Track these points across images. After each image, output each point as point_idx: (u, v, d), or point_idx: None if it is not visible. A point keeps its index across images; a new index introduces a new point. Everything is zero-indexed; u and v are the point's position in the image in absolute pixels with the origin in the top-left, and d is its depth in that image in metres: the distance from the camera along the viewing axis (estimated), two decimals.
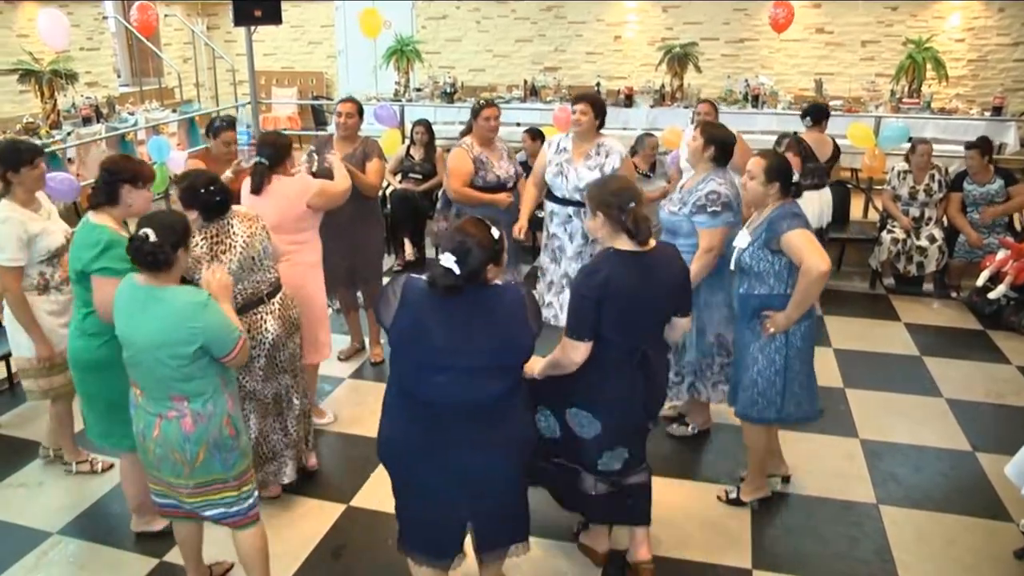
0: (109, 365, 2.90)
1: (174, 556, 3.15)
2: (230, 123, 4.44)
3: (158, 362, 2.46)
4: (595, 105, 4.00)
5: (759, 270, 3.12)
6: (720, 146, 3.46)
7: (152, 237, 2.41)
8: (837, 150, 5.89)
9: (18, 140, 3.54)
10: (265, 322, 3.22)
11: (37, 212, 3.37)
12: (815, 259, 2.95)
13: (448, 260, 2.24)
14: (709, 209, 3.40)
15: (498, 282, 2.38)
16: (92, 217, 2.95)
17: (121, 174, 2.93)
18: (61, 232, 3.42)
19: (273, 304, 3.27)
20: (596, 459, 2.81)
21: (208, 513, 2.68)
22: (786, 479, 3.60)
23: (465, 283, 2.26)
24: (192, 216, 3.01)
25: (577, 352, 2.62)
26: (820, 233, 5.27)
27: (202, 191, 3.04)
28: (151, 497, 2.78)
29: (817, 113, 5.82)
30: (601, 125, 4.07)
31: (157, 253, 2.42)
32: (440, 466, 2.39)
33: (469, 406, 2.34)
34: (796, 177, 3.15)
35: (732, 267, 3.29)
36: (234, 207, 3.19)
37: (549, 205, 4.23)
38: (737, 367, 3.34)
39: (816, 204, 5.18)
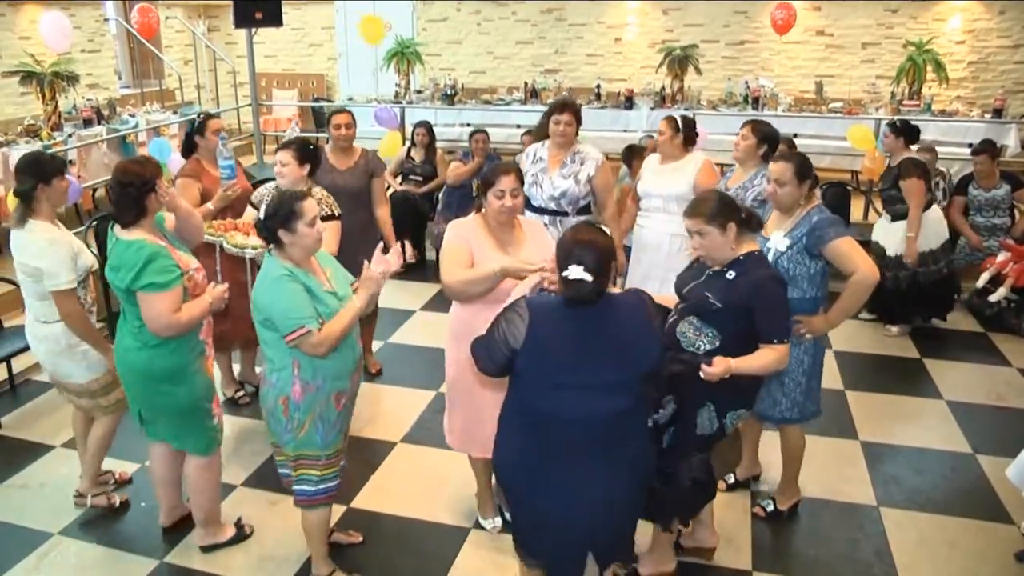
0: (177, 374, 2.90)
1: (174, 557, 3.16)
2: (210, 113, 4.14)
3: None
4: (578, 114, 3.96)
5: (794, 274, 3.04)
6: (772, 142, 3.73)
7: (260, 215, 2.65)
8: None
9: (42, 153, 3.34)
10: None
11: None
12: (869, 267, 2.96)
13: (577, 272, 2.14)
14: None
15: (614, 290, 2.32)
16: (122, 234, 2.82)
17: (145, 186, 2.81)
18: (88, 250, 3.26)
19: None
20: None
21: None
22: (755, 478, 3.65)
23: (601, 288, 2.19)
24: (304, 172, 3.47)
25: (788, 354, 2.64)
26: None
27: (310, 147, 3.52)
28: (278, 471, 2.98)
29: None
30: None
31: (260, 230, 2.66)
32: (560, 488, 2.29)
33: (593, 423, 2.24)
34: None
35: None
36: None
37: (524, 215, 4.08)
38: (769, 377, 3.08)
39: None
